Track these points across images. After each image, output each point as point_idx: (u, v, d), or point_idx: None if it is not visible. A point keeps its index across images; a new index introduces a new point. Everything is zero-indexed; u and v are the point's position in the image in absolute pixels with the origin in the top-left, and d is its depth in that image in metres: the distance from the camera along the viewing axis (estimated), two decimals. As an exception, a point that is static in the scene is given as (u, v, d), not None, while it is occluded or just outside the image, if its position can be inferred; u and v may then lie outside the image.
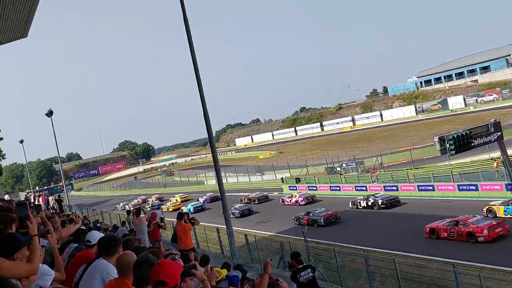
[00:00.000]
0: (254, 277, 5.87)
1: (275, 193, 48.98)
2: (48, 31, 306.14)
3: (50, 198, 25.23)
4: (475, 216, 22.11)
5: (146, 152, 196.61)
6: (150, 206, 52.91)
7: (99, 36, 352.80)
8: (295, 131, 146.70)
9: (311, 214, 30.59)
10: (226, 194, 20.66)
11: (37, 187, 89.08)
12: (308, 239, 19.77)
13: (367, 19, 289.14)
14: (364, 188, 38.11)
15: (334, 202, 36.64)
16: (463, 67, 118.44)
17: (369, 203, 32.33)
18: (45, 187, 73.48)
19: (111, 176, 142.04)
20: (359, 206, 33.18)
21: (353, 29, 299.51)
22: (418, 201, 31.68)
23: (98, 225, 20.41)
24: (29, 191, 64.18)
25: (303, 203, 38.48)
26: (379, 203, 31.66)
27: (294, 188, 46.22)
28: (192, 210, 45.31)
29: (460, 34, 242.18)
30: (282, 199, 41.62)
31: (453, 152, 25.49)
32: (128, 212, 20.42)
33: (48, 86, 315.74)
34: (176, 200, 55.52)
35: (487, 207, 24.46)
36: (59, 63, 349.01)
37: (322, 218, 29.64)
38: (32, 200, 22.29)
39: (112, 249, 4.45)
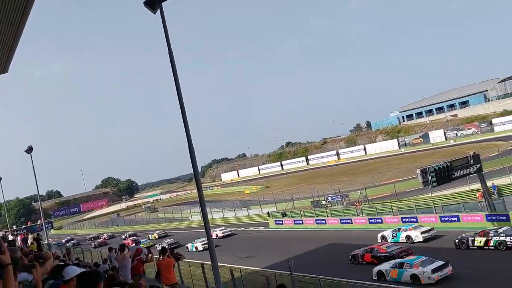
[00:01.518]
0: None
1: (261, 227, 48.85)
2: (29, 64, 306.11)
3: (30, 236, 24.79)
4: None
5: (130, 189, 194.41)
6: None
7: (81, 69, 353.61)
8: (281, 165, 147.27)
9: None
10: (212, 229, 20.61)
11: (14, 226, 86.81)
12: (294, 273, 19.73)
13: (352, 56, 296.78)
14: (349, 221, 38.34)
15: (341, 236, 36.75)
16: (443, 102, 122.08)
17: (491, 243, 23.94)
18: (23, 226, 71.77)
19: (93, 214, 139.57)
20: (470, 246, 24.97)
21: (337, 66, 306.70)
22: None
23: (77, 262, 20.04)
24: (7, 230, 62.62)
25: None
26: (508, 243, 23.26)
27: (280, 222, 46.18)
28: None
29: (441, 70, 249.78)
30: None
31: (435, 184, 26.08)
32: (110, 249, 20.14)
33: (27, 122, 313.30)
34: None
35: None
36: (39, 98, 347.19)
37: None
38: (9, 239, 21.87)
39: (93, 285, 4.19)
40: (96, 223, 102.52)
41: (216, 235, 46.16)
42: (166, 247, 16.32)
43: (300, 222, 43.49)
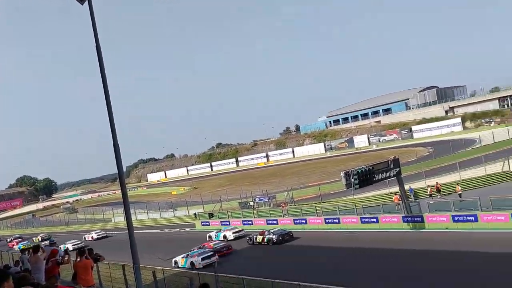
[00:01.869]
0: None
1: (187, 229, 48.28)
2: None
3: None
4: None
5: (48, 188, 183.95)
6: None
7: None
8: (211, 166, 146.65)
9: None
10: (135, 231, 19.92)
11: None
12: (219, 273, 19.67)
13: (283, 61, 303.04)
14: (275, 222, 38.95)
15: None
16: (367, 108, 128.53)
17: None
18: None
19: (6, 214, 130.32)
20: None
21: (270, 72, 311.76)
22: (320, 234, 33.07)
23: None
24: None
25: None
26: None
27: (207, 223, 45.90)
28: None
29: (367, 78, 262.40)
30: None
31: (357, 186, 27.18)
32: (23, 250, 18.89)
33: None
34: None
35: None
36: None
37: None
38: None
39: None
40: (9, 224, 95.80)
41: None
42: (85, 248, 15.62)
43: (227, 223, 43.47)
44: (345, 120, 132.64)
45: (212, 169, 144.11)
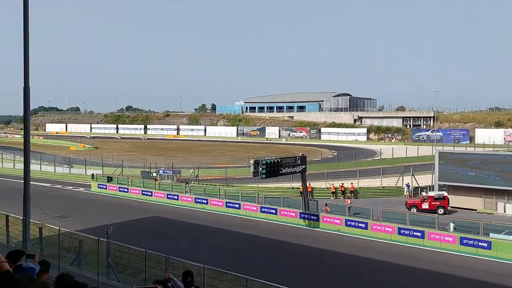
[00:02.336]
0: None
1: (81, 188, 46.15)
2: None
3: None
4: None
5: None
6: None
7: None
8: (117, 128, 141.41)
9: None
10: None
11: None
12: (111, 241, 19.04)
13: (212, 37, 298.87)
14: (176, 197, 38.64)
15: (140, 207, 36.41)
16: (283, 102, 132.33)
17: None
18: None
19: None
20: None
21: (197, 47, 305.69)
22: (219, 216, 33.55)
23: None
24: None
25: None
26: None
27: (104, 186, 44.25)
28: None
29: (289, 73, 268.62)
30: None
31: (264, 176, 27.72)
32: None
33: None
34: None
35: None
36: None
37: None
38: None
39: None
40: None
41: None
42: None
43: (126, 190, 42.31)
44: (261, 109, 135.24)
45: (117, 132, 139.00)
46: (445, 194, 35.20)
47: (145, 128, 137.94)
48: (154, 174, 47.81)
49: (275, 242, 26.88)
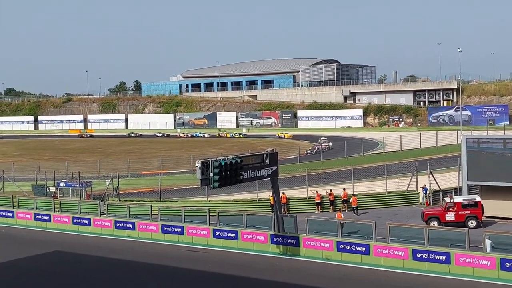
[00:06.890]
0: None
1: None
2: None
3: None
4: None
5: None
6: None
7: None
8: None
9: None
10: None
11: None
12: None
13: None
14: (87, 222, 38.02)
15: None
16: (241, 75, 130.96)
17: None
18: None
19: None
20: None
21: None
22: (153, 247, 33.18)
23: None
24: None
25: None
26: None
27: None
28: None
29: (248, 33, 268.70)
30: None
31: (217, 184, 27.44)
32: None
33: None
34: None
35: None
36: None
37: None
38: None
39: None
40: None
41: None
42: None
43: (11, 215, 41.65)
44: (209, 86, 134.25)
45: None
46: (478, 199, 35.85)
47: (36, 120, 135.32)
48: (53, 189, 47.23)
49: (235, 280, 26.75)
